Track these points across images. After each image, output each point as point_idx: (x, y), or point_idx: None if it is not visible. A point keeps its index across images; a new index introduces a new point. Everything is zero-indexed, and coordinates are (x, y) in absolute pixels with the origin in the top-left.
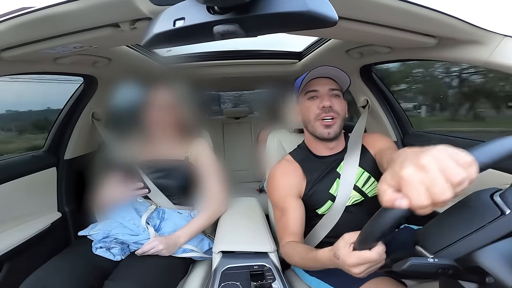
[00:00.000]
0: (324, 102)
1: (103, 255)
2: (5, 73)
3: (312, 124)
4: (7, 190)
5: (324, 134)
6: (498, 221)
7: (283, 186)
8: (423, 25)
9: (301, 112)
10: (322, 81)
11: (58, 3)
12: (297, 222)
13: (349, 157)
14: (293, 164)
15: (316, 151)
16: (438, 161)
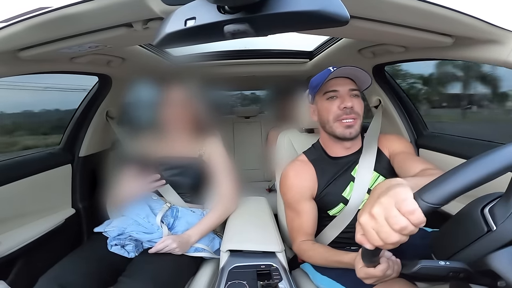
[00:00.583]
0: (346, 103)
1: (118, 252)
2: (23, 73)
3: (331, 124)
4: (24, 186)
5: (346, 134)
6: (485, 238)
7: (296, 187)
8: (439, 24)
9: (317, 111)
10: (341, 81)
11: (74, 3)
12: (311, 224)
13: (364, 160)
14: (306, 164)
15: (331, 151)
16: (385, 210)
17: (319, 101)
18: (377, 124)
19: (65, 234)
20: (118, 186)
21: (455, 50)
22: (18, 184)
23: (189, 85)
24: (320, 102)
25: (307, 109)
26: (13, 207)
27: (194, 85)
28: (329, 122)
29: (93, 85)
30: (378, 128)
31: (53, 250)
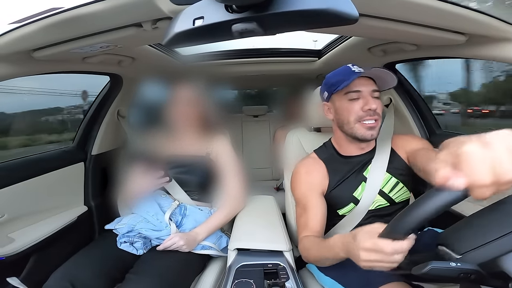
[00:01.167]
0: (370, 104)
1: (127, 249)
2: (37, 73)
3: (352, 125)
4: (38, 184)
5: (367, 136)
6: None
7: (306, 183)
8: (451, 22)
9: (335, 110)
10: (364, 81)
11: (85, 4)
12: (318, 220)
13: (377, 161)
14: (318, 162)
15: (344, 150)
16: (505, 140)
17: (337, 100)
18: (390, 124)
19: (77, 231)
20: (127, 183)
21: (468, 48)
22: (32, 181)
23: (198, 84)
24: (339, 101)
25: (316, 108)
26: (27, 205)
27: (203, 84)
28: (349, 123)
29: (105, 85)
30: (392, 128)
31: (66, 247)
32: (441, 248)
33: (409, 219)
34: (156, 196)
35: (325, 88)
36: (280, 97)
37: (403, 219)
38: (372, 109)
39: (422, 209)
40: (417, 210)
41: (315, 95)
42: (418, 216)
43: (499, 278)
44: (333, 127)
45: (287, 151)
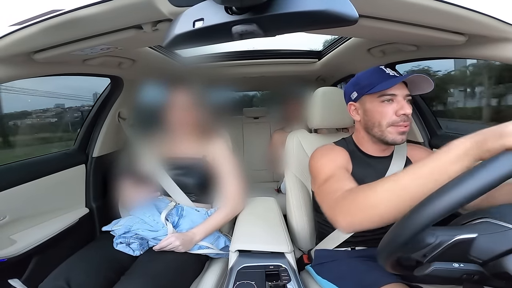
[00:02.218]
0: (406, 109)
1: (123, 250)
2: (37, 75)
3: (383, 129)
4: (39, 186)
5: (398, 140)
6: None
7: (333, 157)
8: (451, 23)
9: (364, 112)
10: (399, 85)
11: (85, 6)
12: (354, 181)
13: (394, 167)
14: (342, 149)
15: (366, 149)
16: None
17: (368, 101)
18: None
19: (78, 233)
20: (121, 192)
21: (468, 48)
22: (34, 184)
23: (197, 87)
24: (370, 102)
25: (317, 109)
26: (28, 206)
27: (202, 86)
28: (380, 125)
29: (106, 87)
30: None
31: (67, 249)
32: (493, 221)
33: None
34: (152, 197)
35: (355, 88)
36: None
37: None
38: (406, 113)
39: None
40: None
41: (315, 96)
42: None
43: (502, 279)
44: (356, 126)
45: (288, 153)
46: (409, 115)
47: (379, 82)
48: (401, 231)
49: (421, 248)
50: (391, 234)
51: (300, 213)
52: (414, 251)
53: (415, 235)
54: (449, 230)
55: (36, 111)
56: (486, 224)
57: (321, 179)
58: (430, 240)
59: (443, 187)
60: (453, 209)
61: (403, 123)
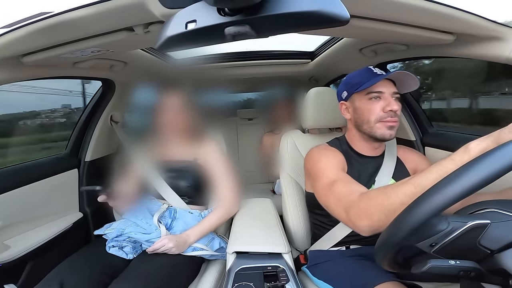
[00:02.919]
0: (393, 106)
1: (116, 253)
2: (27, 78)
3: (372, 125)
4: (32, 191)
5: (386, 136)
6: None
7: (332, 158)
8: (440, 22)
9: (354, 110)
10: (386, 83)
11: (75, 8)
12: (361, 184)
13: (386, 165)
14: (336, 150)
15: (358, 149)
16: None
17: (357, 99)
18: None
19: (73, 238)
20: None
21: (456, 47)
22: (26, 188)
23: (189, 89)
24: (359, 100)
25: (310, 110)
26: (22, 212)
27: (194, 88)
28: (369, 122)
29: (97, 90)
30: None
31: (62, 253)
32: (501, 211)
33: None
34: (145, 200)
35: (346, 88)
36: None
37: None
38: (393, 110)
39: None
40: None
41: (308, 96)
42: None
43: (499, 275)
44: (348, 125)
45: (282, 154)
46: (396, 111)
47: (367, 81)
48: (410, 218)
49: (432, 235)
50: (401, 217)
51: (296, 213)
52: (425, 238)
53: (427, 220)
54: (461, 217)
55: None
56: (494, 213)
57: (326, 183)
58: (443, 226)
59: (454, 173)
60: (467, 194)
61: (390, 119)
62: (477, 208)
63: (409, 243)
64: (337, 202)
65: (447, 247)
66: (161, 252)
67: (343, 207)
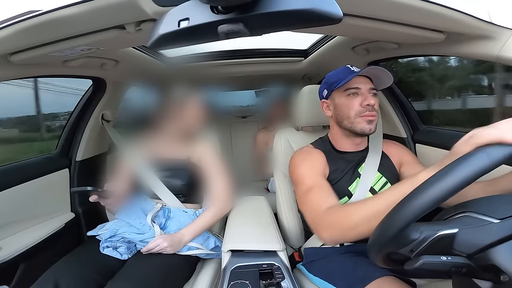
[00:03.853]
0: (369, 100)
1: (110, 254)
2: (15, 77)
3: (352, 120)
4: (22, 192)
5: (366, 130)
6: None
7: (311, 164)
8: (430, 21)
9: (334, 107)
10: (362, 79)
11: (64, 6)
12: (334, 196)
13: (370, 159)
14: (318, 151)
15: (340, 146)
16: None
17: (337, 96)
18: (379, 122)
19: (65, 238)
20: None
21: (447, 46)
22: (16, 189)
23: (182, 87)
24: (338, 97)
25: (303, 107)
26: (13, 212)
27: (187, 87)
28: (349, 117)
29: (87, 88)
30: (381, 126)
31: (54, 254)
32: (473, 215)
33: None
34: (138, 199)
35: (325, 87)
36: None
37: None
38: (370, 104)
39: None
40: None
41: (302, 94)
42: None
43: (490, 271)
44: (331, 123)
45: (276, 151)
46: (373, 105)
47: (344, 78)
48: (386, 228)
49: (408, 244)
50: (378, 232)
51: (290, 211)
52: (401, 246)
53: (400, 231)
54: (432, 225)
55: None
56: (467, 218)
57: (303, 189)
58: (415, 235)
59: (423, 184)
60: (434, 205)
61: (369, 113)
62: (454, 212)
63: (391, 249)
64: (309, 210)
65: (426, 251)
66: (155, 252)
67: (312, 216)
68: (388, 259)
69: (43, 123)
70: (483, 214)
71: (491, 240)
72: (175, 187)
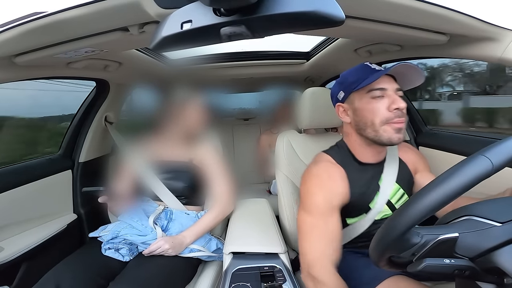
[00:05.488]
0: (399, 103)
1: (112, 256)
2: (19, 78)
3: (377, 128)
4: (25, 193)
5: (394, 140)
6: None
7: (329, 191)
8: (433, 23)
9: (354, 112)
10: (386, 78)
11: (69, 8)
12: (337, 238)
13: (388, 169)
14: (337, 168)
15: (361, 157)
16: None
17: (357, 99)
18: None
19: (67, 239)
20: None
21: (450, 48)
22: (19, 190)
23: (185, 89)
24: (359, 100)
25: (306, 110)
26: (15, 213)
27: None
28: (374, 125)
29: (91, 90)
30: None
31: (56, 255)
32: (475, 219)
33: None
34: (141, 202)
35: (341, 88)
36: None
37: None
38: (400, 108)
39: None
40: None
41: (304, 97)
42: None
43: (494, 274)
44: (347, 130)
45: (278, 154)
46: (403, 109)
47: (365, 77)
48: (387, 233)
49: (409, 248)
50: (379, 236)
51: (292, 213)
52: (403, 250)
53: (401, 235)
54: (433, 229)
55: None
56: (469, 222)
57: (308, 220)
58: (416, 240)
59: (423, 189)
60: (433, 210)
61: (398, 119)
62: (456, 215)
63: (393, 253)
64: (304, 252)
65: (428, 255)
66: (157, 254)
67: (305, 259)
68: (390, 262)
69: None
70: (485, 218)
71: (494, 243)
72: (177, 189)
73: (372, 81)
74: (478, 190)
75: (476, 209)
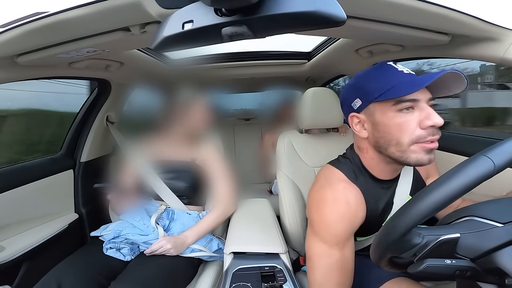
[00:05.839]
0: (435, 118)
1: (113, 255)
2: (21, 78)
3: (404, 148)
4: (27, 192)
5: (424, 161)
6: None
7: (347, 219)
8: (435, 23)
9: (374, 126)
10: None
11: (71, 8)
12: (349, 270)
13: (403, 181)
14: (354, 189)
15: (378, 173)
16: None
17: (379, 110)
18: None
19: (69, 239)
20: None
21: (451, 48)
22: (21, 190)
23: (186, 90)
24: (382, 112)
25: (307, 110)
26: (17, 213)
27: (191, 89)
28: (400, 144)
29: (93, 90)
30: None
31: (58, 255)
32: (476, 219)
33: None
34: (143, 201)
35: (358, 94)
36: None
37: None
38: (437, 124)
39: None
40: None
41: (305, 97)
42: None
43: (495, 274)
44: (362, 145)
45: (279, 154)
46: (439, 126)
47: (394, 84)
48: (388, 233)
49: (410, 248)
50: (380, 236)
51: (293, 213)
52: (404, 251)
53: (402, 236)
54: (435, 229)
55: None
56: (470, 222)
57: (318, 248)
58: (417, 240)
59: (423, 190)
60: (434, 211)
61: (431, 138)
62: (458, 216)
63: (394, 254)
64: (312, 280)
65: (429, 255)
66: (159, 253)
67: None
68: (391, 263)
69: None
70: (487, 219)
71: (495, 244)
72: (178, 189)
73: (409, 92)
74: (481, 191)
75: (477, 210)
